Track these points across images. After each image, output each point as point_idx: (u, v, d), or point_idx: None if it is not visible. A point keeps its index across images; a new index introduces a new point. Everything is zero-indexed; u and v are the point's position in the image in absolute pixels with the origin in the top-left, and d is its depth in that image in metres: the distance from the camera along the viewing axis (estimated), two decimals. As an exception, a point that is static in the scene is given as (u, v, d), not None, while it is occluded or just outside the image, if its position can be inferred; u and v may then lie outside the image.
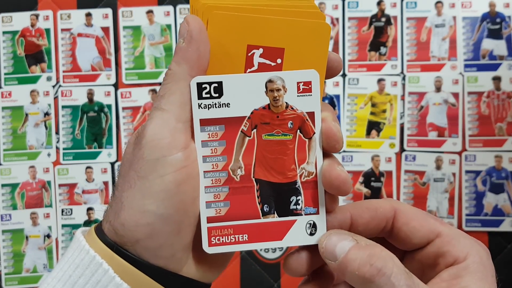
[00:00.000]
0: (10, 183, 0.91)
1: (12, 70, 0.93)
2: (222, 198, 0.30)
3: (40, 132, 0.92)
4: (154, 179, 0.28)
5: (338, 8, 0.92)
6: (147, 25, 0.93)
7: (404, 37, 0.92)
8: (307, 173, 0.31)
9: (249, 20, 0.29)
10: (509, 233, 0.89)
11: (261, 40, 0.30)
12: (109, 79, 0.92)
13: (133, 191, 0.28)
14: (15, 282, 0.91)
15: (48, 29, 0.93)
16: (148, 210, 0.28)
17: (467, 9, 0.92)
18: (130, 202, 0.28)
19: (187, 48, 0.29)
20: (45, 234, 0.91)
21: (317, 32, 0.30)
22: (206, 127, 0.30)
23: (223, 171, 0.30)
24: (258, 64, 0.30)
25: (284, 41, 0.30)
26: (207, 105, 0.29)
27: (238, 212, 0.31)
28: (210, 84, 0.29)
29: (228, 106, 0.30)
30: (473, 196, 0.90)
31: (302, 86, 0.30)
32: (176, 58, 0.29)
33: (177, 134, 0.29)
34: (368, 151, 0.91)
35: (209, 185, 0.30)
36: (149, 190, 0.28)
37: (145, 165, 0.28)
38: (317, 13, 0.30)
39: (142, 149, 0.28)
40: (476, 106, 0.90)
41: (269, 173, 0.31)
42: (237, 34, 0.30)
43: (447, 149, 0.90)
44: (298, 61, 0.30)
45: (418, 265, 0.32)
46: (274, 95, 0.30)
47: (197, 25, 0.29)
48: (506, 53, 0.91)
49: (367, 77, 0.92)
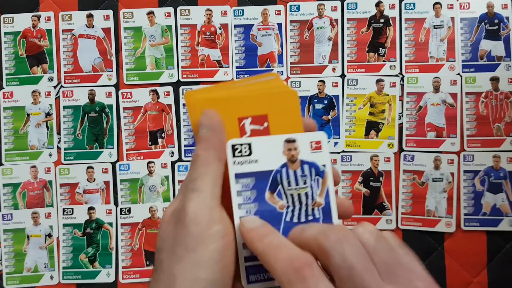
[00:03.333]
0: (12, 183, 0.92)
1: (14, 71, 0.94)
2: None
3: (42, 132, 0.93)
4: (202, 251, 0.32)
5: (337, 9, 0.93)
6: (148, 26, 0.93)
7: (402, 38, 0.93)
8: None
9: (234, 100, 0.37)
10: (507, 233, 0.89)
11: (247, 112, 0.37)
12: (110, 80, 0.93)
13: (184, 264, 0.32)
14: (16, 281, 0.91)
15: (50, 30, 0.94)
16: (201, 278, 0.32)
17: (465, 10, 0.92)
18: (183, 274, 0.32)
19: (211, 137, 0.35)
20: (46, 234, 0.91)
21: (287, 98, 0.37)
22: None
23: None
24: (250, 130, 0.37)
25: (265, 109, 0.37)
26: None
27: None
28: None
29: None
30: (472, 196, 0.90)
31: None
32: (202, 146, 0.35)
33: (214, 210, 0.33)
34: (367, 151, 0.91)
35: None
36: (198, 261, 0.32)
37: (193, 240, 0.32)
38: (283, 85, 0.38)
39: (187, 227, 0.32)
40: (474, 106, 0.91)
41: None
42: (229, 112, 0.37)
43: (446, 149, 0.91)
44: (280, 121, 0.37)
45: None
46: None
47: (217, 118, 0.36)
48: (504, 54, 0.92)
49: (366, 78, 0.92)
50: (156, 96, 0.92)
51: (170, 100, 0.93)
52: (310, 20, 0.93)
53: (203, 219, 0.33)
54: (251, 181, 0.35)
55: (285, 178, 0.36)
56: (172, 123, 0.93)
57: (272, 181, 0.36)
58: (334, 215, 0.36)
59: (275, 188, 0.36)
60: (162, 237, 0.34)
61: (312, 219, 0.36)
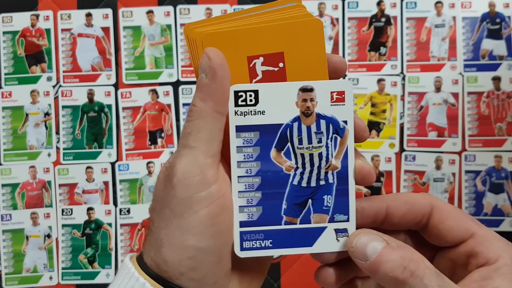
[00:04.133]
0: (11, 183, 0.92)
1: (13, 70, 0.93)
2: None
3: (41, 132, 0.92)
4: (190, 216, 0.29)
5: (338, 8, 0.92)
6: (147, 25, 0.93)
7: (404, 37, 0.92)
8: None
9: (242, 33, 0.30)
10: (509, 233, 0.89)
11: (259, 50, 0.31)
12: (109, 79, 0.93)
13: (170, 229, 0.29)
14: (15, 282, 0.91)
15: (49, 29, 0.93)
16: (189, 245, 0.29)
17: (467, 9, 0.92)
18: (169, 239, 0.29)
19: (210, 84, 0.29)
20: (46, 234, 0.91)
21: (310, 30, 0.31)
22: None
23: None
24: (262, 72, 0.31)
25: (281, 45, 0.31)
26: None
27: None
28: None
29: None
30: (473, 196, 0.90)
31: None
32: (200, 95, 0.30)
33: (207, 170, 0.29)
34: (368, 151, 0.91)
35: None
36: (186, 227, 0.29)
37: (180, 204, 0.29)
38: (306, 13, 0.31)
39: (175, 188, 0.29)
40: (475, 106, 0.91)
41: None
42: (235, 49, 0.30)
43: (447, 149, 0.90)
44: (299, 61, 0.31)
45: (449, 263, 0.32)
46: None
47: (220, 60, 0.29)
48: (505, 53, 0.91)
49: (367, 77, 0.92)
50: (156, 96, 0.92)
51: (169, 100, 0.92)
52: (310, 19, 0.93)
53: (193, 180, 0.29)
54: (255, 135, 0.31)
55: (296, 134, 0.31)
56: (171, 123, 0.92)
57: (280, 137, 0.31)
58: (351, 182, 0.32)
59: (283, 146, 0.31)
60: (154, 196, 0.31)
61: (324, 184, 0.32)
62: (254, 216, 0.31)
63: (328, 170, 0.31)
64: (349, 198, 0.32)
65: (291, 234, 0.32)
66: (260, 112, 0.30)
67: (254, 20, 0.31)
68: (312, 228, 0.32)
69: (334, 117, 0.31)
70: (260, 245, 0.31)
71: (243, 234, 0.31)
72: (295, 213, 0.32)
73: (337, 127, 0.31)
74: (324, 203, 0.32)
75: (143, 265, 0.30)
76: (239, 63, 0.31)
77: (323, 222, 0.32)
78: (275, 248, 0.31)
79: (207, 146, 0.30)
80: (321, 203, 0.32)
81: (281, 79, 0.31)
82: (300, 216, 0.32)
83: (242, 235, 0.31)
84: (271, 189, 0.31)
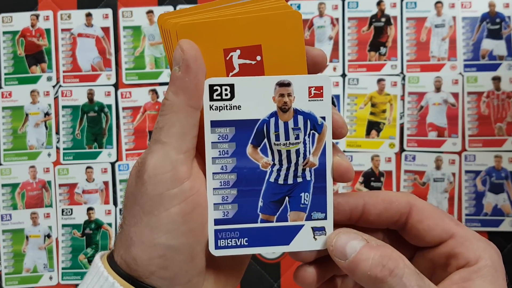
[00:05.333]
0: (11, 183, 0.92)
1: (13, 70, 0.93)
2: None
3: (40, 132, 0.92)
4: (160, 213, 0.28)
5: (338, 8, 0.92)
6: (147, 25, 0.93)
7: (404, 37, 0.92)
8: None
9: (219, 25, 0.29)
10: (509, 233, 0.89)
11: (235, 42, 0.29)
12: (109, 79, 0.93)
13: (140, 226, 0.28)
14: (15, 282, 0.91)
15: (48, 29, 0.93)
16: (159, 243, 0.28)
17: (467, 9, 0.92)
18: (139, 237, 0.28)
19: (184, 77, 0.28)
20: (45, 234, 0.91)
21: (289, 22, 0.30)
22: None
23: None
24: (238, 65, 0.30)
25: (259, 38, 0.30)
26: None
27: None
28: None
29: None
30: (473, 196, 0.90)
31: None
32: (173, 88, 0.29)
33: (179, 166, 0.28)
34: (368, 151, 0.91)
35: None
36: (156, 224, 0.28)
37: (150, 201, 0.28)
38: (284, 5, 0.30)
39: (145, 185, 0.28)
40: (475, 106, 0.91)
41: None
42: (211, 41, 0.29)
43: (447, 149, 0.90)
44: (277, 54, 0.30)
45: (429, 264, 0.32)
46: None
47: (193, 52, 0.28)
48: (505, 53, 0.91)
49: (367, 77, 0.92)
50: (156, 96, 0.92)
51: (169, 100, 0.92)
52: (310, 19, 0.93)
53: (164, 177, 0.28)
54: (231, 131, 0.30)
55: (273, 130, 0.30)
56: (171, 123, 0.92)
57: (257, 133, 0.30)
58: (328, 179, 0.31)
59: (259, 142, 0.30)
60: (126, 192, 0.30)
61: (302, 181, 0.31)
62: (230, 214, 0.30)
63: (306, 167, 0.31)
64: (326, 196, 0.31)
65: (268, 232, 0.31)
66: (236, 107, 0.30)
67: (231, 11, 0.30)
68: (289, 226, 0.31)
69: (312, 113, 0.30)
70: (236, 243, 0.30)
71: (218, 232, 0.30)
72: (271, 211, 0.31)
73: (315, 123, 0.30)
74: (301, 200, 0.31)
75: (113, 264, 0.30)
76: (215, 55, 0.29)
77: (300, 220, 0.31)
78: (251, 246, 0.31)
79: (179, 142, 0.28)
80: (298, 200, 0.31)
81: (258, 73, 0.30)
82: (276, 214, 0.31)
83: (217, 233, 0.30)
84: (247, 186, 0.31)
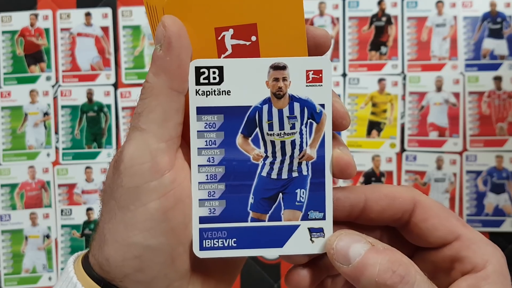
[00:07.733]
0: (10, 183, 0.91)
1: (12, 70, 0.93)
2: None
3: (40, 132, 0.92)
4: (137, 209, 0.25)
5: (338, 7, 0.92)
6: (147, 25, 0.93)
7: (404, 36, 0.92)
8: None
9: (210, 1, 0.26)
10: (510, 234, 0.89)
11: (228, 20, 0.26)
12: (108, 79, 0.92)
13: (114, 222, 0.26)
14: (14, 282, 0.90)
15: (48, 28, 0.93)
16: (134, 242, 0.25)
17: (468, 8, 0.92)
18: (113, 235, 0.26)
19: (165, 56, 0.25)
20: (45, 235, 0.91)
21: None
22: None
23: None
24: (231, 46, 0.27)
25: (254, 16, 0.26)
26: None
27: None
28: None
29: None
30: (474, 196, 0.90)
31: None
32: (153, 69, 0.26)
33: (159, 157, 0.25)
34: (368, 151, 0.91)
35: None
36: (132, 221, 0.25)
37: (125, 194, 0.25)
38: None
39: (121, 176, 0.25)
40: (477, 106, 0.90)
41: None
42: (201, 19, 0.26)
43: (448, 149, 0.90)
44: (275, 34, 0.27)
45: (430, 267, 0.29)
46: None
47: (176, 29, 0.25)
48: (507, 53, 0.91)
49: (367, 77, 0.91)
50: (155, 96, 0.92)
51: (169, 100, 0.92)
52: (311, 18, 0.92)
53: (141, 168, 0.25)
54: (219, 119, 0.27)
55: (266, 118, 0.27)
56: (171, 123, 0.92)
57: (248, 121, 0.27)
58: (327, 174, 0.28)
59: (250, 132, 0.27)
60: (104, 184, 0.27)
61: (297, 176, 0.28)
62: (217, 211, 0.27)
63: (302, 161, 0.28)
64: (325, 193, 0.28)
65: (259, 232, 0.28)
66: (225, 92, 0.27)
67: None
68: (283, 226, 0.28)
69: (310, 100, 0.27)
70: (223, 244, 0.27)
71: (203, 231, 0.27)
72: (263, 209, 0.28)
73: (313, 111, 0.27)
74: (297, 198, 0.28)
75: (87, 266, 0.27)
76: (205, 35, 0.26)
77: (295, 220, 0.28)
78: (240, 248, 0.28)
79: (160, 129, 0.25)
80: (293, 198, 0.28)
81: (253, 55, 0.27)
82: (269, 212, 0.28)
83: (202, 232, 0.27)
84: (236, 181, 0.27)
